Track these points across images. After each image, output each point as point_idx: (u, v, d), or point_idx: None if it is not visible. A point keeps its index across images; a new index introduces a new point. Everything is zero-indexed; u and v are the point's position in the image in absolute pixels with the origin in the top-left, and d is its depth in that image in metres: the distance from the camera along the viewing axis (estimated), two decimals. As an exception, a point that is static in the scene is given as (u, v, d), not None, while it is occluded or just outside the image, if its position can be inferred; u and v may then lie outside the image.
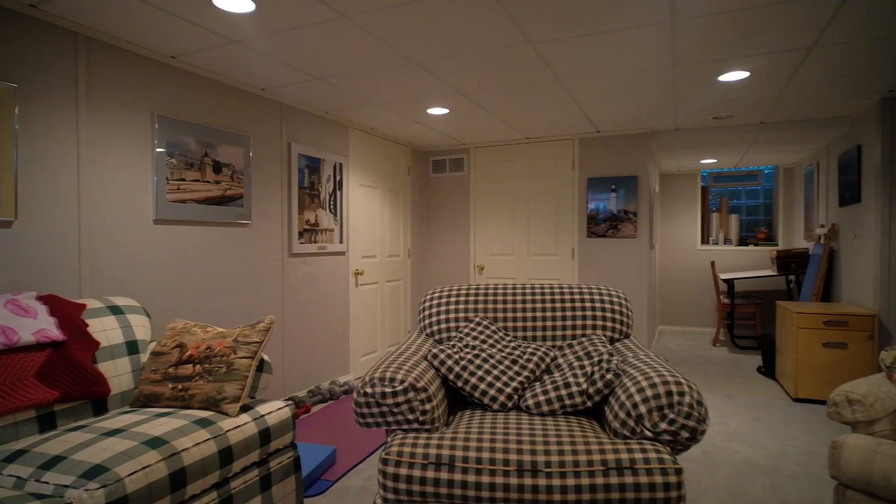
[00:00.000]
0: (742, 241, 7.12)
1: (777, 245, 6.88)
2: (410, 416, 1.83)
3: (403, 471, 1.66)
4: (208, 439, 1.77)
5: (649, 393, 1.73)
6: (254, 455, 1.95)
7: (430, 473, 1.64)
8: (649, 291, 5.00)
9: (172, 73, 2.96)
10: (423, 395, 1.85)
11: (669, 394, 1.71)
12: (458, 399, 2.25)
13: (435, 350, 2.12)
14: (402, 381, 1.84)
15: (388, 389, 1.83)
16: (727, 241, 7.09)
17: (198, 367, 2.07)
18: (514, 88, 3.52)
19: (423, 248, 5.75)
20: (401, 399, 1.82)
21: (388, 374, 1.87)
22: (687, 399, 1.70)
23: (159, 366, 2.11)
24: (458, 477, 1.62)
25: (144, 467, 1.54)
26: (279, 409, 2.12)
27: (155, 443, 1.64)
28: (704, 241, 7.17)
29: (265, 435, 2.01)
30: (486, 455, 1.65)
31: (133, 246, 2.76)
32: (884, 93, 3.60)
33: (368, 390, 1.85)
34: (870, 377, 2.03)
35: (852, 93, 3.62)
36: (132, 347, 2.22)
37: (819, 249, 4.91)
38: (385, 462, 1.69)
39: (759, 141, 5.02)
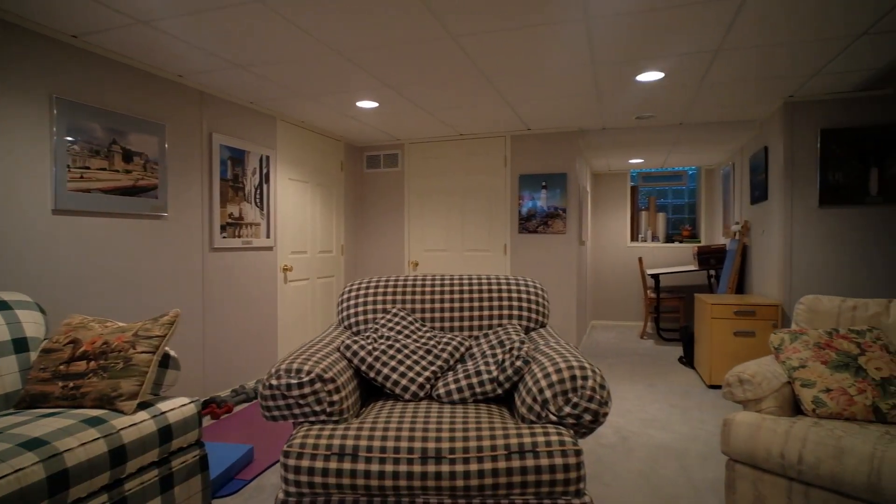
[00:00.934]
0: (669, 239, 7.45)
1: (699, 242, 7.24)
2: (317, 408, 1.79)
3: (305, 463, 1.62)
4: (97, 439, 1.66)
5: (554, 378, 1.76)
6: (152, 454, 1.85)
7: (333, 464, 1.61)
8: (579, 286, 5.14)
9: (75, 53, 2.78)
10: (330, 387, 1.81)
11: (573, 378, 1.75)
12: (374, 390, 2.23)
13: (348, 341, 2.08)
14: (308, 373, 1.79)
15: (293, 381, 1.78)
16: (655, 238, 7.40)
17: (92, 363, 1.95)
18: (443, 83, 3.53)
19: (356, 244, 5.68)
20: (307, 391, 1.77)
21: (294, 366, 1.82)
22: (590, 383, 1.74)
23: (49, 363, 1.97)
24: (360, 467, 1.60)
25: (16, 470, 1.43)
26: (182, 405, 2.02)
27: (32, 444, 1.53)
28: (634, 238, 7.46)
29: (165, 433, 1.91)
30: (390, 444, 1.63)
31: (28, 237, 2.57)
32: (785, 97, 3.85)
33: (274, 382, 1.79)
34: (760, 359, 2.16)
35: (758, 97, 3.85)
36: (20, 345, 2.06)
37: (734, 245, 5.20)
38: (286, 455, 1.64)
39: (680, 141, 5.27)
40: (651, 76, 3.39)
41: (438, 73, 3.34)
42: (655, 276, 6.17)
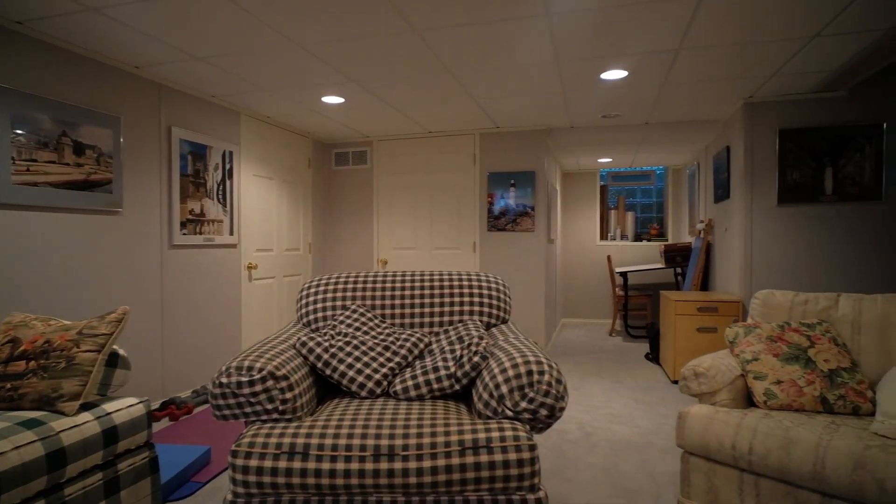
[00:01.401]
0: (637, 237, 7.55)
1: (667, 240, 7.36)
2: (269, 406, 1.75)
3: (254, 462, 1.58)
4: (33, 441, 1.59)
5: (511, 373, 1.75)
6: (95, 457, 1.78)
7: (283, 463, 1.57)
8: (547, 284, 5.16)
9: (20, 41, 2.66)
10: (283, 384, 1.77)
11: (530, 373, 1.74)
12: (331, 388, 2.19)
13: (304, 338, 2.04)
14: (260, 370, 1.75)
15: (244, 378, 1.73)
16: (624, 237, 7.50)
17: (32, 363, 1.86)
18: (408, 79, 3.50)
19: (325, 242, 5.60)
20: (258, 388, 1.73)
21: (246, 363, 1.77)
22: (546, 378, 1.74)
23: (-14, 364, 1.88)
24: (311, 465, 1.56)
25: (-59, 475, 1.35)
26: (130, 406, 1.95)
27: (-40, 447, 1.45)
28: (604, 237, 7.54)
29: (111, 435, 1.84)
30: (342, 441, 1.60)
31: (-32, 233, 2.45)
32: (745, 98, 3.93)
33: (224, 380, 1.74)
34: (716, 353, 2.19)
35: (719, 97, 3.92)
36: (-44, 345, 1.95)
37: (699, 243, 5.29)
38: (235, 454, 1.59)
39: (646, 141, 5.34)
40: (615, 74, 3.41)
41: (403, 69, 3.31)
42: (623, 274, 6.25)
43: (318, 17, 2.57)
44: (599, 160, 6.56)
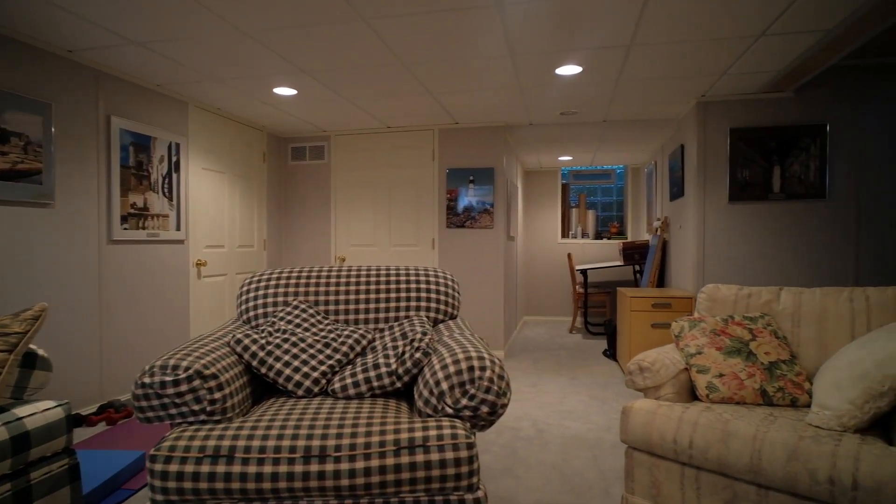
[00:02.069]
0: (598, 235, 7.63)
1: (627, 238, 7.46)
2: (196, 407, 1.65)
3: (174, 467, 1.48)
4: (-73, 450, 1.45)
5: (452, 369, 1.70)
6: (3, 466, 1.65)
7: (206, 468, 1.48)
8: (507, 281, 5.15)
9: (-66, 19, 2.47)
10: (212, 384, 1.67)
11: (471, 369, 1.69)
12: (270, 388, 2.09)
13: (239, 335, 1.94)
14: (186, 369, 1.65)
15: (168, 378, 1.62)
16: (585, 235, 7.56)
17: (-67, 365, 1.71)
18: (360, 70, 3.41)
19: (280, 239, 5.46)
20: (184, 388, 1.63)
21: (171, 362, 1.67)
22: (487, 374, 1.69)
23: None
24: (236, 469, 1.47)
25: None
26: (46, 410, 1.82)
27: None
28: (565, 235, 7.59)
29: (21, 441, 1.70)
30: (270, 443, 1.51)
31: None
32: (698, 97, 3.99)
33: (146, 380, 1.63)
34: (662, 347, 2.18)
35: (673, 96, 3.97)
36: None
37: (655, 241, 5.37)
38: (153, 459, 1.49)
39: (604, 139, 5.38)
40: (570, 70, 3.40)
41: (354, 59, 3.22)
42: (584, 272, 6.30)
43: (259, 1, 2.46)
44: (560, 158, 6.60)
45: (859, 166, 3.78)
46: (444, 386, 1.69)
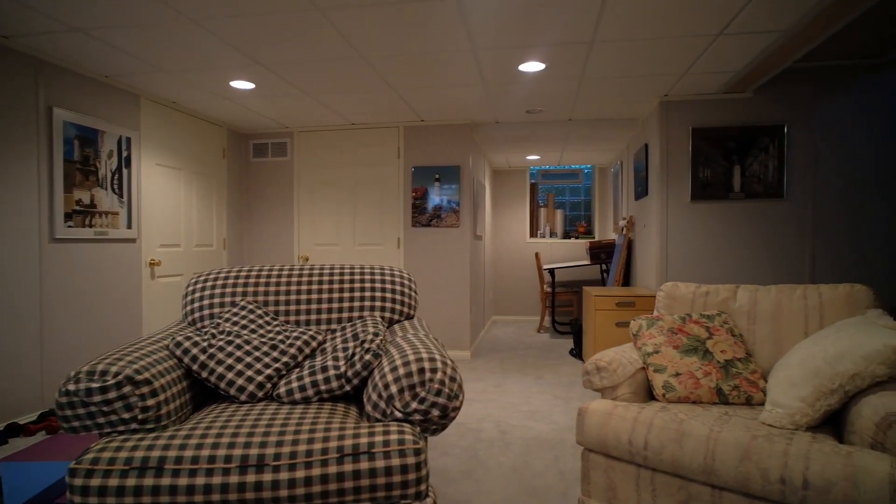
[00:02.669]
0: (566, 235, 7.66)
1: (594, 238, 7.51)
2: (127, 416, 1.54)
3: (96, 482, 1.37)
4: None
5: (402, 371, 1.63)
6: None
7: (132, 481, 1.37)
8: (473, 280, 5.10)
9: None
10: (144, 390, 1.57)
11: (421, 371, 1.63)
12: (214, 393, 1.99)
13: (179, 337, 1.83)
14: (116, 374, 1.54)
15: (95, 385, 1.51)
16: (553, 234, 7.58)
17: None
18: (320, 64, 3.31)
19: (242, 238, 5.30)
20: (112, 395, 1.52)
21: (99, 367, 1.56)
22: (439, 376, 1.63)
23: None
24: (166, 482, 1.37)
25: None
26: (-38, 420, 1.68)
27: None
28: (533, 234, 7.59)
29: (-68, 455, 1.57)
30: (204, 453, 1.42)
31: None
32: (661, 96, 4.01)
33: (71, 387, 1.52)
34: (620, 346, 2.16)
35: (637, 95, 3.98)
36: None
37: (621, 240, 5.39)
38: (73, 473, 1.38)
39: (571, 138, 5.38)
40: (533, 66, 3.37)
41: (312, 52, 3.13)
42: (551, 271, 6.30)
43: (208, -12, 2.35)
44: (528, 157, 6.59)
45: (815, 167, 3.85)
46: (394, 389, 1.62)
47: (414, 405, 1.61)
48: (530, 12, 2.60)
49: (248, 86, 3.79)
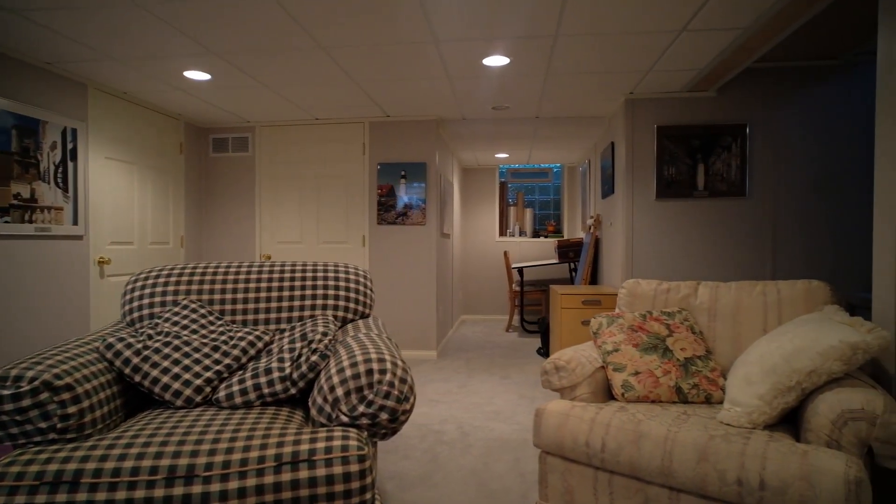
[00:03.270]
0: (535, 234, 7.65)
1: (563, 236, 7.51)
2: (44, 425, 1.41)
3: (0, 500, 1.24)
4: None
5: (348, 373, 1.54)
6: None
7: (41, 498, 1.25)
8: (440, 279, 5.02)
9: None
10: (65, 396, 1.44)
11: (369, 372, 1.54)
12: (150, 399, 1.86)
13: (111, 339, 1.70)
14: (32, 380, 1.41)
15: (6, 392, 1.38)
16: (522, 233, 7.56)
17: None
18: (277, 54, 3.19)
19: (201, 235, 5.11)
20: (27, 403, 1.39)
21: (13, 372, 1.42)
22: (387, 377, 1.54)
23: None
24: (81, 497, 1.26)
25: None
26: None
27: None
28: (503, 233, 7.56)
29: None
30: (128, 464, 1.30)
31: None
32: (626, 94, 4.00)
33: (-20, 395, 1.38)
34: (580, 345, 2.11)
35: (603, 92, 3.96)
36: None
37: (589, 239, 5.39)
38: (-25, 490, 1.25)
39: (538, 136, 5.36)
40: (498, 60, 3.31)
41: (267, 41, 3.00)
42: (520, 270, 6.27)
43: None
44: (497, 155, 6.55)
45: (776, 166, 3.89)
46: (339, 392, 1.53)
47: (361, 408, 1.52)
48: (492, 3, 2.53)
49: (204, 76, 3.63)
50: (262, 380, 1.69)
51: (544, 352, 5.06)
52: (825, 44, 3.47)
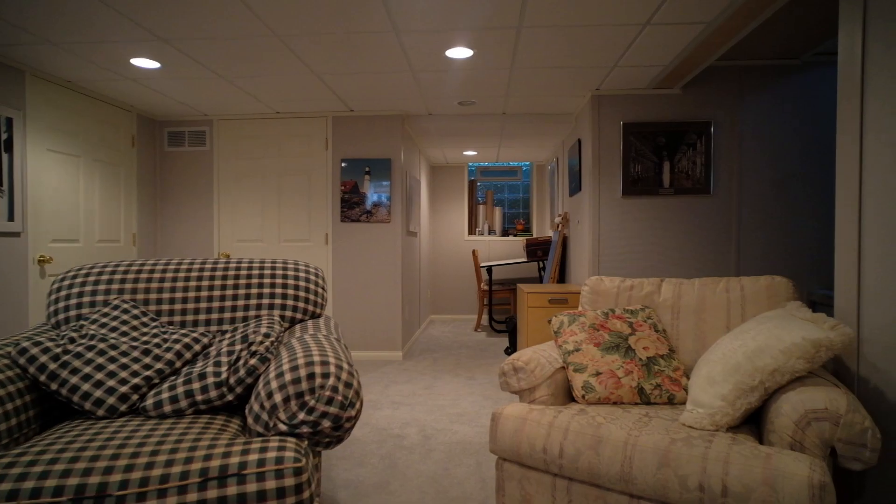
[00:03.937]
0: (505, 232, 7.59)
1: (532, 235, 7.48)
2: (-64, 441, 1.25)
3: None
4: None
5: (288, 378, 1.42)
6: None
7: (-77, 525, 1.10)
8: (405, 278, 4.91)
9: None
10: (-38, 409, 1.28)
11: (311, 377, 1.42)
12: (72, 409, 1.70)
13: (25, 343, 1.54)
14: (-78, 391, 1.24)
15: None
16: (492, 231, 7.50)
17: None
18: (229, 42, 3.03)
19: (155, 233, 4.88)
20: (-85, 417, 1.23)
21: None
22: (331, 382, 1.43)
23: None
24: (-29, 523, 1.11)
25: None
26: None
27: None
28: (472, 231, 7.49)
29: None
30: (28, 484, 1.16)
31: None
32: (592, 90, 3.95)
33: None
34: (540, 345, 2.02)
35: (569, 88, 3.90)
36: None
37: (557, 237, 5.35)
38: None
39: (506, 133, 5.29)
40: (461, 52, 3.22)
41: (218, 27, 2.84)
42: (488, 269, 6.20)
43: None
44: (465, 153, 6.47)
45: (739, 163, 3.90)
46: (278, 398, 1.40)
47: (301, 416, 1.40)
48: (452, -10, 2.43)
49: (153, 65, 3.44)
50: (196, 385, 1.55)
51: (512, 351, 4.99)
52: (786, 44, 3.48)
